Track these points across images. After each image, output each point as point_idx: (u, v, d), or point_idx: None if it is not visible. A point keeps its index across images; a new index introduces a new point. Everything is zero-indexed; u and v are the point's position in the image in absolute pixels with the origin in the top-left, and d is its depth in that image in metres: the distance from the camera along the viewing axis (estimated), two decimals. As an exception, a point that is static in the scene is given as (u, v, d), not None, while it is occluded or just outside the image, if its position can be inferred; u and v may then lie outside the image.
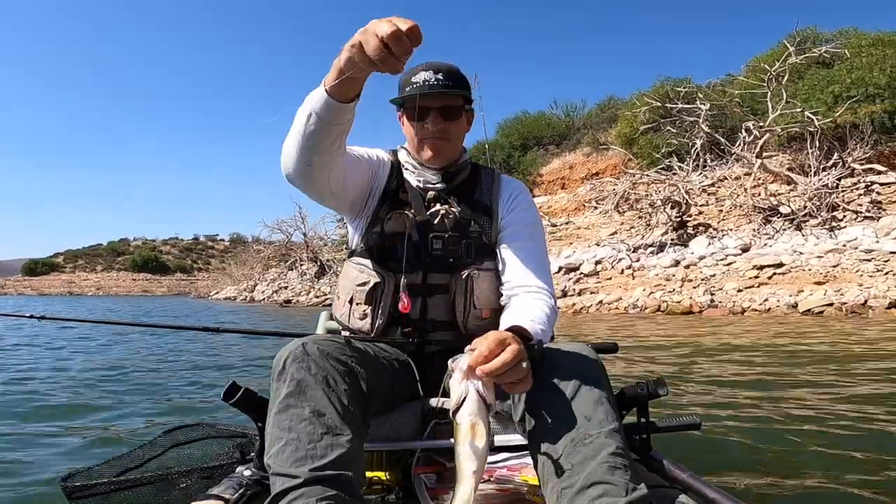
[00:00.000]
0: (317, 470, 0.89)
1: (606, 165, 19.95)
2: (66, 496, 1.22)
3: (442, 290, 1.31)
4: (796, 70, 14.18)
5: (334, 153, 1.13)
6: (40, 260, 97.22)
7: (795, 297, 8.90)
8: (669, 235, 13.36)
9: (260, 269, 32.61)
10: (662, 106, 16.03)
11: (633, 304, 10.59)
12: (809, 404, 2.88)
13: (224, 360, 5.00)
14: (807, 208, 11.95)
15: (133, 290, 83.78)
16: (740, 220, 13.15)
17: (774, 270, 10.04)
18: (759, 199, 12.99)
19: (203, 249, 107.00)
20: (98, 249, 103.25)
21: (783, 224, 12.11)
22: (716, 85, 17.11)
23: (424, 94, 1.27)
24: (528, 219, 1.38)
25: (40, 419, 2.85)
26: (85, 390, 3.67)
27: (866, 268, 9.25)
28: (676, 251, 12.63)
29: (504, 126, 25.29)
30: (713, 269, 11.12)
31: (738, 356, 4.74)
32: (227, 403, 1.12)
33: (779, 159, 14.01)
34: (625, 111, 18.94)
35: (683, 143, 15.58)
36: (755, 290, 9.63)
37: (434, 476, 1.25)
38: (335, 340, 1.09)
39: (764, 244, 11.64)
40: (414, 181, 1.36)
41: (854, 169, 12.68)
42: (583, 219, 17.72)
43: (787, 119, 13.15)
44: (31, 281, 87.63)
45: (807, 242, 10.98)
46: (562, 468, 0.91)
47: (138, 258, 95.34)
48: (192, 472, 1.32)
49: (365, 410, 1.06)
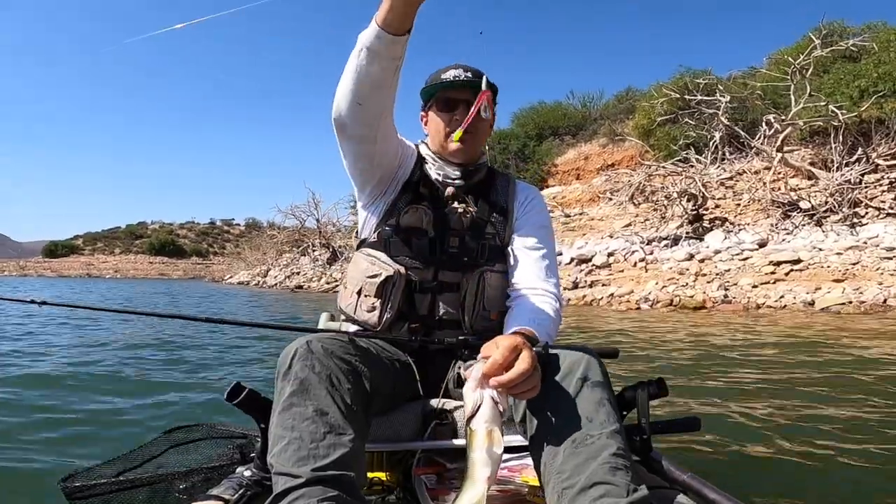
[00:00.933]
0: (319, 470, 0.89)
1: (622, 157, 19.75)
2: (65, 497, 1.21)
3: (453, 289, 1.31)
4: (821, 63, 13.78)
5: (385, 94, 1.13)
6: (60, 242, 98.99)
7: (812, 294, 8.69)
8: (685, 228, 13.15)
9: (273, 255, 32.85)
10: (681, 97, 15.73)
11: (644, 297, 10.45)
12: (812, 403, 2.83)
13: (223, 359, 4.82)
14: (828, 204, 11.66)
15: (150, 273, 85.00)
16: (758, 214, 12.89)
17: (792, 267, 9.81)
18: (779, 194, 12.71)
19: (219, 234, 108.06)
20: (116, 232, 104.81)
21: (802, 219, 11.84)
22: (737, 77, 16.72)
23: (456, 87, 1.31)
24: (540, 222, 1.40)
25: (39, 419, 2.79)
26: (84, 389, 3.55)
27: (888, 266, 8.99)
28: (691, 245, 12.43)
29: (520, 115, 25.19)
30: (728, 263, 10.91)
31: (746, 354, 4.65)
32: (231, 404, 1.11)
33: (800, 154, 13.70)
34: (643, 102, 18.64)
35: (702, 135, 15.32)
36: (771, 287, 9.42)
37: (434, 477, 1.24)
38: (339, 339, 1.09)
39: (782, 239, 11.40)
40: (434, 174, 1.37)
41: (878, 165, 12.33)
42: (597, 210, 17.54)
43: (810, 112, 12.82)
44: (51, 263, 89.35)
45: (826, 239, 10.73)
46: (563, 469, 0.91)
47: (155, 241, 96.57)
48: (191, 473, 1.32)
49: (367, 410, 1.06)
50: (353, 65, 1.07)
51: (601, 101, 25.29)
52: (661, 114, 16.46)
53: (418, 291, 1.30)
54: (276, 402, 1.00)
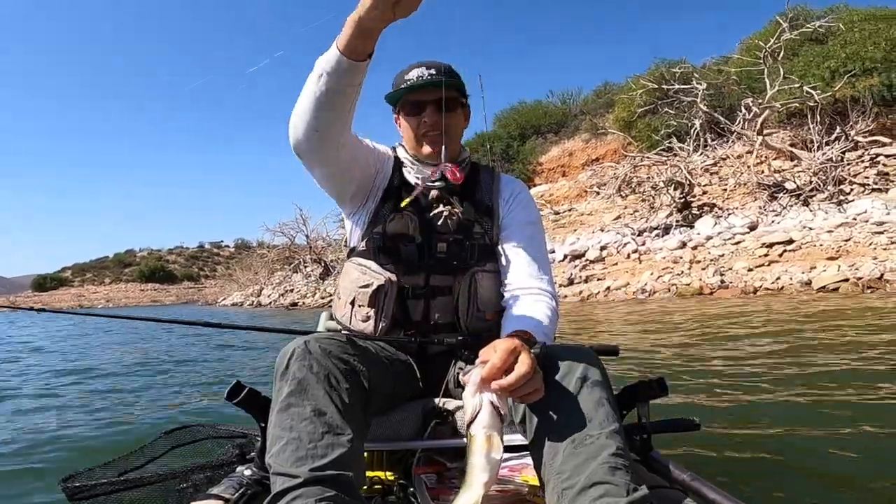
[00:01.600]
0: (317, 470, 0.89)
1: (606, 151, 19.87)
2: (66, 497, 1.21)
3: (445, 293, 1.30)
4: (790, 47, 14.01)
5: (344, 120, 1.12)
6: (48, 275, 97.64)
7: (808, 273, 8.77)
8: (674, 217, 13.25)
9: (265, 274, 32.63)
10: (659, 88, 15.88)
11: (641, 288, 10.50)
12: (814, 401, 2.76)
13: (224, 363, 4.91)
14: (812, 183, 11.81)
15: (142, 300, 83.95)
16: (745, 198, 13.03)
17: (784, 248, 9.91)
18: (763, 176, 12.85)
19: (209, 256, 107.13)
20: (105, 262, 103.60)
21: (789, 200, 11.98)
22: (711, 65, 16.93)
23: (418, 89, 1.28)
24: (527, 218, 1.37)
25: (39, 420, 2.82)
26: (85, 391, 3.63)
27: (879, 240, 9.10)
28: (682, 232, 12.52)
29: (501, 117, 25.23)
30: (721, 248, 11.00)
31: (748, 345, 4.57)
32: (232, 403, 1.11)
33: (779, 136, 13.86)
34: (621, 95, 18.79)
35: (682, 124, 15.48)
36: (766, 269, 9.51)
37: (434, 476, 1.24)
38: (337, 339, 1.08)
39: (771, 221, 11.52)
40: (413, 178, 1.35)
41: (858, 142, 12.51)
42: (585, 205, 17.63)
43: (785, 95, 13.00)
44: (41, 296, 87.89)
45: (815, 217, 10.85)
46: (563, 469, 0.90)
47: (145, 269, 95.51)
48: (192, 473, 1.32)
49: (366, 409, 1.05)
50: (312, 90, 1.06)
51: (580, 97, 25.48)
52: (641, 105, 16.61)
53: (411, 298, 1.29)
54: (274, 402, 0.99)
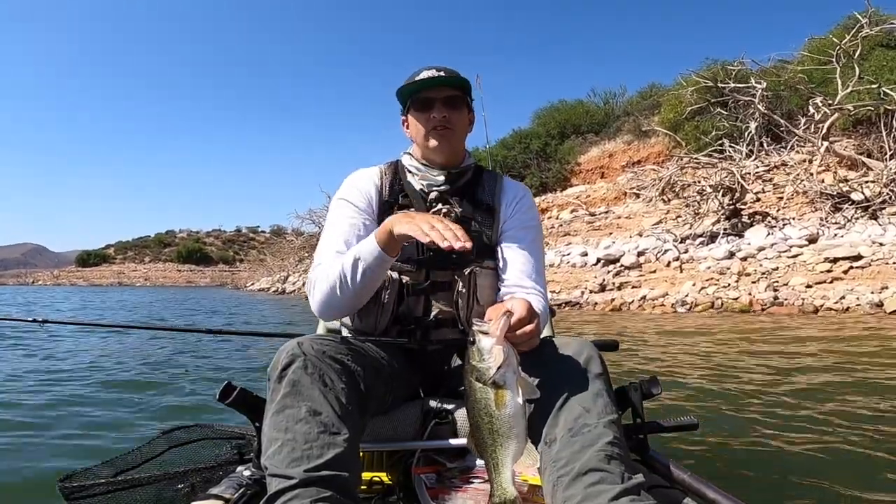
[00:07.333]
0: (312, 470, 0.90)
1: (648, 153, 18.91)
2: (63, 497, 1.20)
3: (445, 287, 1.34)
4: (865, 47, 12.69)
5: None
6: (92, 251, 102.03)
7: (879, 294, 7.65)
8: (722, 224, 12.16)
9: (293, 261, 32.62)
10: (714, 86, 14.73)
11: (681, 300, 9.53)
12: (817, 404, 2.78)
13: (223, 363, 4.92)
14: (882, 195, 10.59)
15: (179, 280, 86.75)
16: (803, 207, 11.83)
17: (851, 264, 8.75)
18: (827, 185, 11.63)
19: (245, 241, 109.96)
20: (146, 241, 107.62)
21: (855, 212, 10.77)
22: (768, 68, 15.61)
23: (428, 86, 1.34)
24: (529, 222, 1.42)
25: (37, 421, 2.84)
26: (84, 391, 3.64)
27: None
28: (730, 242, 11.42)
29: (540, 114, 24.51)
30: (775, 261, 9.89)
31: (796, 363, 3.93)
32: (223, 404, 1.14)
33: (842, 144, 12.63)
34: (668, 96, 17.70)
35: (735, 126, 14.35)
36: (828, 287, 8.40)
37: (434, 476, 1.26)
38: (332, 339, 1.10)
39: (834, 234, 10.34)
40: (417, 184, 1.40)
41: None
42: (623, 208, 16.62)
43: (855, 98, 11.77)
44: (83, 272, 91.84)
45: (886, 233, 9.64)
46: (559, 457, 0.95)
47: (183, 250, 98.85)
48: (191, 473, 1.33)
49: (362, 409, 1.07)
50: (352, 278, 1.18)
51: (623, 97, 24.45)
52: (691, 103, 15.48)
53: (412, 294, 1.32)
54: (268, 404, 1.01)
